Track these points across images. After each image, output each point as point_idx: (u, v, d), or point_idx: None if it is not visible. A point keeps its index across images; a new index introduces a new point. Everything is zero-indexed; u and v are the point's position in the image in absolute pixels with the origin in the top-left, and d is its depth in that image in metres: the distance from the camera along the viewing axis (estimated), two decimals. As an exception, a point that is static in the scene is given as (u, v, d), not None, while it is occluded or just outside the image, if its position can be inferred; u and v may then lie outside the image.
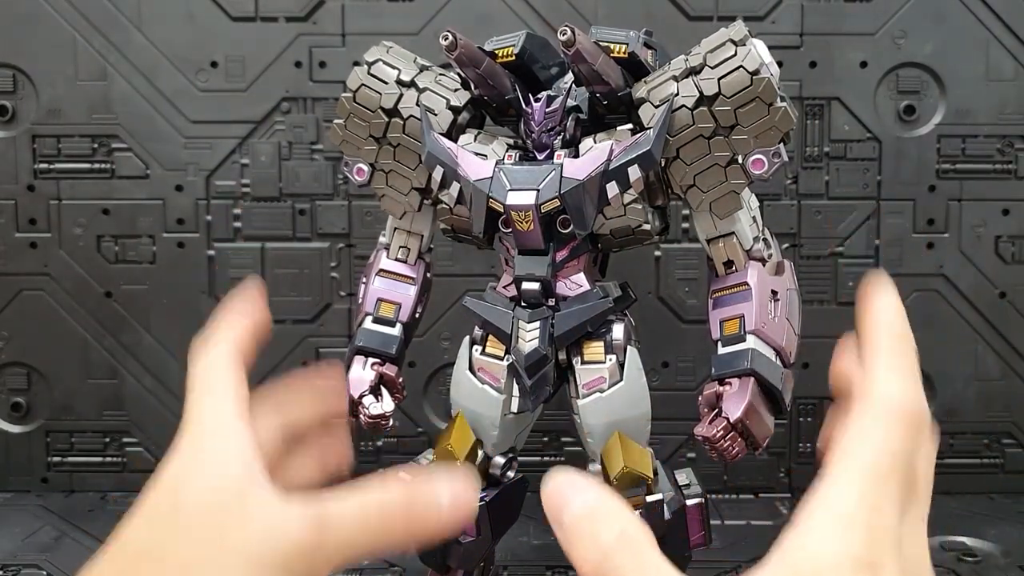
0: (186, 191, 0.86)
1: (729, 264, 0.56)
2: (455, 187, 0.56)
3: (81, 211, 0.86)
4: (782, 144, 0.53)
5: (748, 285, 0.55)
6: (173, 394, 0.87)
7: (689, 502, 0.55)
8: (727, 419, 0.52)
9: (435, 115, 0.58)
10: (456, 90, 0.59)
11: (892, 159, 0.85)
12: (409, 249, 0.63)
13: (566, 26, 0.52)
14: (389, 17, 0.84)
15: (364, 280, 0.64)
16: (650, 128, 0.53)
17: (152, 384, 0.87)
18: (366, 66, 0.60)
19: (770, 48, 0.54)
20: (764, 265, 0.56)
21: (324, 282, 0.86)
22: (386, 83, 0.59)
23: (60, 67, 0.85)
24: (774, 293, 0.56)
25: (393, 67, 0.59)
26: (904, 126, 0.85)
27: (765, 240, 0.57)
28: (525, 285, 0.55)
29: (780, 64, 0.82)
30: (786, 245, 0.85)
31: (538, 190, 0.53)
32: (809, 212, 0.85)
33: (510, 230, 0.55)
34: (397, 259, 0.63)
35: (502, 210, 0.54)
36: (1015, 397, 0.87)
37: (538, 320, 0.55)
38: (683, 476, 0.57)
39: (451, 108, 0.58)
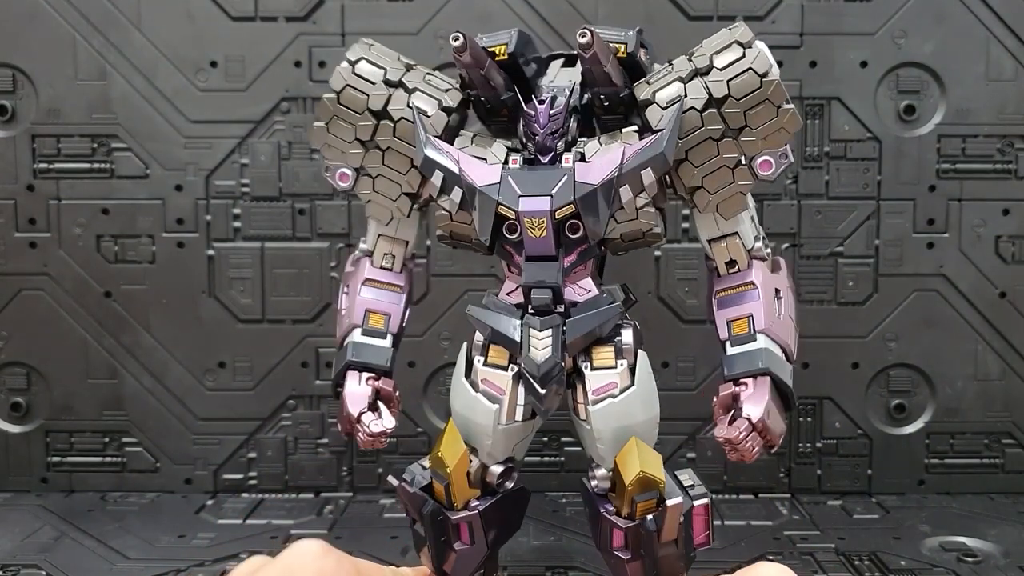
0: (186, 191, 0.86)
1: (732, 264, 0.56)
2: (456, 192, 0.55)
3: (81, 211, 0.86)
4: (788, 145, 0.54)
5: (754, 284, 0.55)
6: (173, 394, 0.87)
7: (696, 503, 0.54)
8: (748, 420, 0.52)
9: (428, 117, 0.56)
10: (447, 90, 0.57)
11: (892, 159, 0.85)
12: (394, 256, 0.61)
13: (585, 28, 0.51)
14: (389, 17, 0.84)
15: (346, 290, 0.61)
16: (660, 130, 0.53)
17: (152, 384, 0.87)
18: (349, 65, 0.58)
19: (770, 48, 0.54)
20: (765, 264, 0.57)
21: (324, 282, 0.86)
22: (373, 83, 0.57)
23: (60, 67, 0.85)
24: (777, 291, 0.56)
25: (379, 66, 0.58)
26: (904, 126, 0.85)
27: (764, 239, 0.57)
28: (535, 292, 0.54)
29: (780, 64, 0.82)
30: (786, 245, 0.85)
31: (552, 196, 0.53)
32: (809, 212, 0.85)
33: (516, 236, 0.54)
34: (382, 267, 0.61)
35: (512, 217, 0.54)
36: (1015, 397, 0.87)
37: (550, 328, 0.54)
38: (686, 477, 0.56)
39: (444, 109, 0.56)
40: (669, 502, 0.53)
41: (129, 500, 0.86)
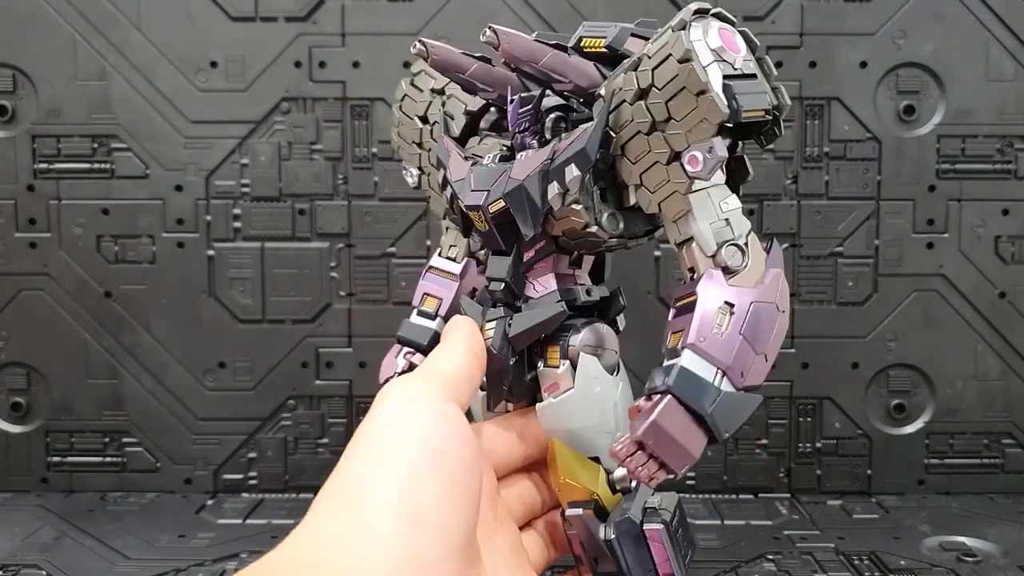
0: (186, 191, 0.86)
1: (693, 271, 0.51)
2: (450, 188, 0.57)
3: (81, 211, 0.86)
4: (719, 138, 0.49)
5: (696, 295, 0.49)
6: (172, 394, 0.87)
7: (647, 527, 0.51)
8: (629, 437, 0.48)
9: (453, 119, 0.59)
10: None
11: (892, 159, 0.85)
12: (457, 247, 0.64)
13: (488, 27, 0.51)
14: (389, 17, 0.84)
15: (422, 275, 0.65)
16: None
17: (151, 384, 0.87)
18: (410, 77, 0.63)
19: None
20: (730, 273, 0.50)
21: (324, 282, 0.86)
22: (422, 91, 0.62)
23: (60, 67, 0.85)
24: (729, 305, 0.49)
25: (432, 76, 0.62)
26: (904, 126, 0.85)
27: (740, 246, 0.50)
28: (491, 286, 0.55)
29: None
30: (786, 245, 0.85)
31: (488, 191, 0.53)
32: (809, 212, 0.85)
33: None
34: (447, 257, 0.64)
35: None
36: (1015, 397, 0.87)
37: (494, 320, 0.55)
38: (656, 499, 0.53)
39: (467, 113, 0.60)
40: (568, 512, 0.53)
41: (129, 500, 0.86)
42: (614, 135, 0.51)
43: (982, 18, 0.84)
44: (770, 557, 0.72)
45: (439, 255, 0.64)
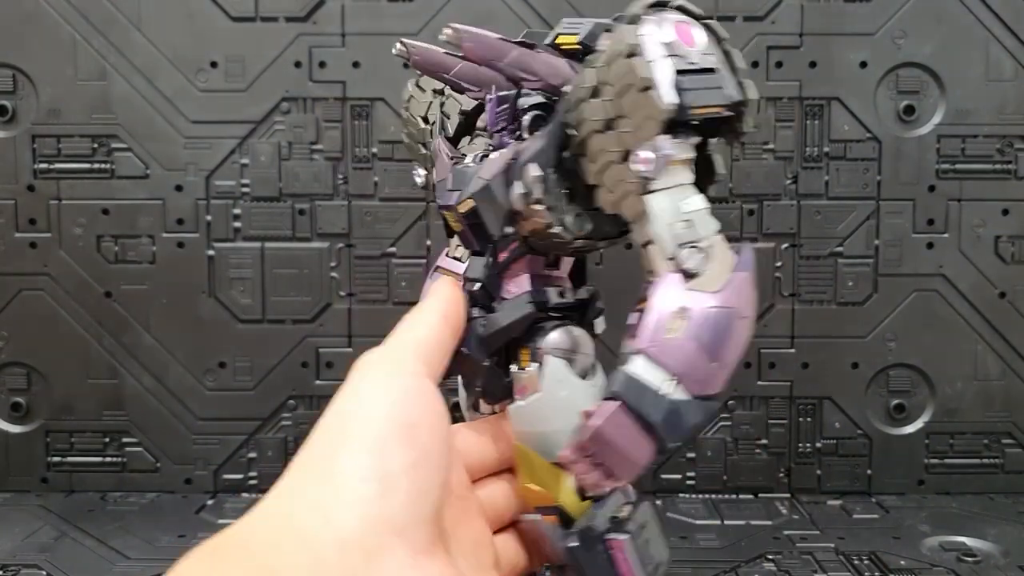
0: (186, 191, 0.86)
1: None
2: None
3: (81, 211, 0.86)
4: (667, 136, 0.46)
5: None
6: (173, 394, 0.87)
7: (610, 537, 0.49)
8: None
9: (449, 119, 0.59)
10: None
11: (892, 159, 0.85)
12: (462, 247, 0.64)
13: (448, 25, 0.51)
14: (389, 17, 0.85)
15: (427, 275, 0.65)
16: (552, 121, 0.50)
17: (152, 384, 0.87)
18: (415, 78, 0.62)
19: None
20: (690, 277, 0.47)
21: (324, 282, 0.87)
22: (425, 92, 0.61)
23: (60, 67, 0.85)
24: (683, 310, 0.46)
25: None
26: (904, 126, 0.85)
27: (703, 248, 0.48)
28: (468, 286, 0.55)
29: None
30: (786, 245, 0.85)
31: (461, 190, 0.53)
32: (809, 212, 0.85)
33: None
34: (453, 257, 0.64)
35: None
36: (1015, 397, 0.87)
37: (471, 320, 0.55)
38: (627, 508, 0.51)
39: (461, 112, 0.59)
40: (526, 516, 0.52)
41: (129, 500, 0.86)
42: (576, 133, 0.49)
43: (982, 18, 0.84)
44: (770, 557, 0.72)
45: (446, 255, 0.64)
